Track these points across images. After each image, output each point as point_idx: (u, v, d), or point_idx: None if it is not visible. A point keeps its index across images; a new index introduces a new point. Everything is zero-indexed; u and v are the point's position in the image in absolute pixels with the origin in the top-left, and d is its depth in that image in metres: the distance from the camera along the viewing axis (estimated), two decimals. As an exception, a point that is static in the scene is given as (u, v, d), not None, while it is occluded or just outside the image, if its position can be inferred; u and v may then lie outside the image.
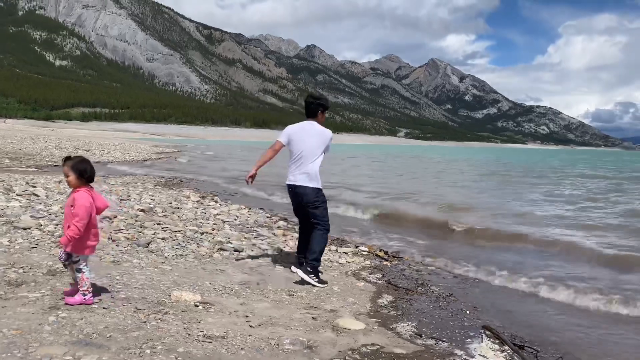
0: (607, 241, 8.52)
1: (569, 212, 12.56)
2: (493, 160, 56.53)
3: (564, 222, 10.76)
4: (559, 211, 12.76)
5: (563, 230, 9.66)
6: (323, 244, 5.46)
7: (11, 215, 6.82)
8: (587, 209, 13.22)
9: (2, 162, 19.08)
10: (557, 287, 5.77)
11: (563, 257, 7.60)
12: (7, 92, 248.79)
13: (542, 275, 6.32)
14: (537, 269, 6.76)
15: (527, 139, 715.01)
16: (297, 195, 5.49)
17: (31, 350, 2.97)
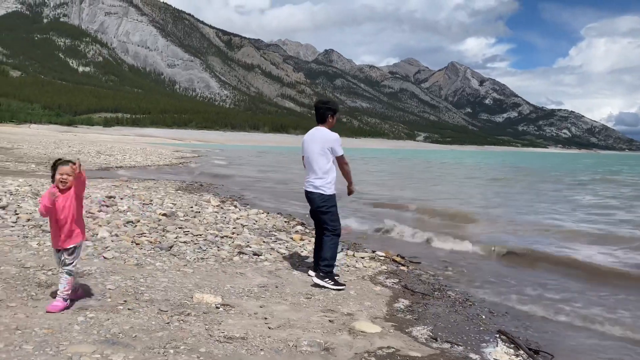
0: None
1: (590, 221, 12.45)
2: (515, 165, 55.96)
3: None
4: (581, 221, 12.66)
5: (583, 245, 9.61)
6: (333, 249, 5.55)
7: (39, 219, 7.06)
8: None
9: (29, 166, 19.59)
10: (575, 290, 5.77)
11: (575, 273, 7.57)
12: (32, 98, 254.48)
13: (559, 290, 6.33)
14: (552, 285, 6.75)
15: (548, 143, 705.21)
16: (309, 200, 5.66)
17: (62, 349, 3.13)
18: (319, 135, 5.60)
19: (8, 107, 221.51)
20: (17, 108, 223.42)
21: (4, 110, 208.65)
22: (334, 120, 5.71)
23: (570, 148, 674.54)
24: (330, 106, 5.69)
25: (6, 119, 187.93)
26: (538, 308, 5.35)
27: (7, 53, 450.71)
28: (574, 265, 7.43)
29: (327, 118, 5.65)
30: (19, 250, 5.47)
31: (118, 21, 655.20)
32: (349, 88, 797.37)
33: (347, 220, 9.69)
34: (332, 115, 5.66)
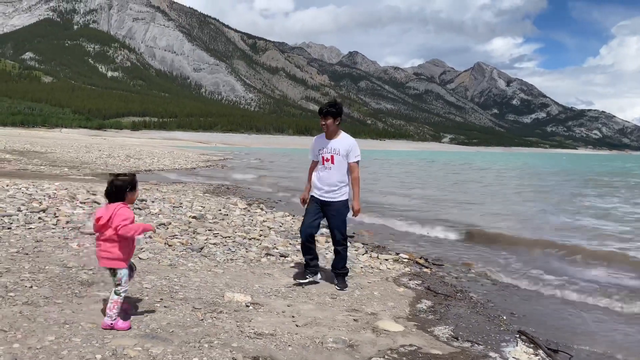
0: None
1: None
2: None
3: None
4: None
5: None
6: (345, 255, 5.72)
7: (77, 221, 7.43)
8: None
9: (62, 170, 20.25)
10: (593, 294, 5.84)
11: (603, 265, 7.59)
12: (63, 103, 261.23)
13: (579, 281, 6.39)
14: (574, 275, 6.80)
15: (577, 144, 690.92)
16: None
17: (107, 342, 3.39)
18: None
19: (40, 111, 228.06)
20: (48, 113, 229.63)
21: (37, 114, 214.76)
22: (333, 123, 5.49)
23: (601, 149, 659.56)
24: (329, 109, 5.45)
25: (38, 123, 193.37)
26: (559, 310, 5.44)
27: (40, 59, 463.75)
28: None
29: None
30: (60, 251, 5.80)
31: (145, 26, 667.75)
32: (373, 90, 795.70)
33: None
34: (333, 118, 5.47)
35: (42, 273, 4.86)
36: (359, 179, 5.48)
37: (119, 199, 3.76)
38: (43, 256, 5.49)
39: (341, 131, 5.55)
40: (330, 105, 5.42)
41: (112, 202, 3.76)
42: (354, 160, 5.43)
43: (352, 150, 5.42)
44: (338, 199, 5.45)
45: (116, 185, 3.76)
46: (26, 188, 10.50)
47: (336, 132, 5.49)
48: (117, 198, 3.76)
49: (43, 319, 3.66)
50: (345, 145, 5.44)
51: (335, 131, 5.48)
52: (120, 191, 3.76)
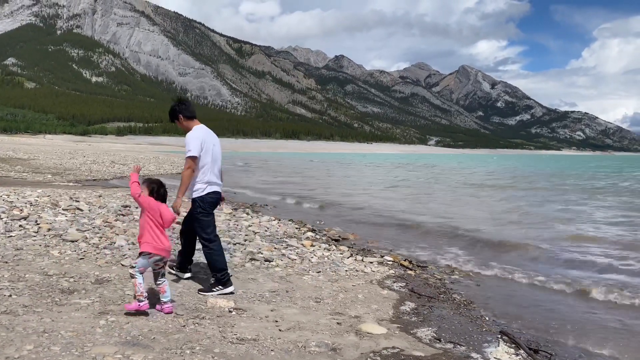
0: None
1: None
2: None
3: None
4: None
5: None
6: (208, 259, 5.25)
7: (59, 228, 7.35)
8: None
9: (45, 177, 20.03)
10: (576, 293, 5.92)
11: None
12: (46, 109, 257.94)
13: (561, 280, 6.47)
14: (557, 275, 6.89)
15: (562, 145, 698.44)
16: (216, 203, 5.49)
17: (87, 350, 3.36)
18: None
19: (23, 117, 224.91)
20: (32, 119, 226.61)
21: (20, 121, 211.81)
22: (181, 123, 5.40)
23: (585, 150, 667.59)
24: (175, 107, 5.39)
25: (22, 129, 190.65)
26: (539, 309, 5.50)
27: (22, 65, 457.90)
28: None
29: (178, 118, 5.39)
30: (41, 259, 5.73)
31: (130, 31, 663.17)
32: (360, 93, 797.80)
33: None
34: (180, 117, 5.35)
35: (22, 281, 4.80)
36: (186, 175, 5.14)
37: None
38: (23, 264, 5.43)
39: (194, 127, 5.36)
40: (170, 113, 5.44)
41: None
42: (186, 156, 5.17)
43: (186, 145, 5.20)
44: (193, 196, 5.32)
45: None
46: (7, 195, 10.36)
47: (187, 130, 5.34)
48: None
49: (22, 328, 3.62)
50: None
51: (186, 129, 5.35)
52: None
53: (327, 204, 15.91)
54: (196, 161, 5.15)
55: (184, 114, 5.36)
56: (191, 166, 5.12)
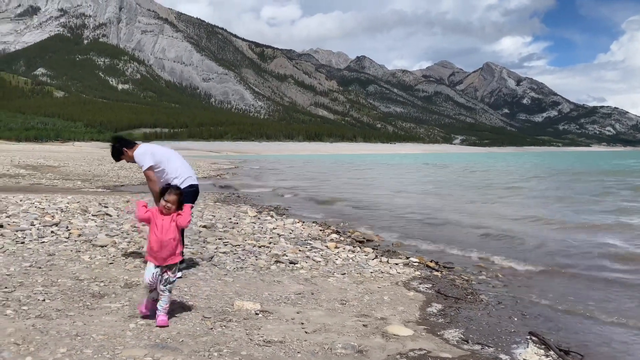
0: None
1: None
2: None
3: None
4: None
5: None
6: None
7: (89, 234, 7.52)
8: None
9: (75, 183, 20.49)
10: (607, 295, 5.78)
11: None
12: (75, 117, 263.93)
13: (593, 281, 6.33)
14: (588, 275, 6.74)
15: (591, 142, 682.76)
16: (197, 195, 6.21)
17: (117, 352, 3.44)
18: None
19: (53, 126, 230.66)
20: (61, 127, 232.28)
21: (50, 129, 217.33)
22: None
23: (615, 146, 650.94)
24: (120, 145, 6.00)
25: (51, 137, 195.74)
26: (569, 310, 5.40)
27: (51, 74, 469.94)
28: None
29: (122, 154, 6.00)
30: (73, 264, 5.88)
31: (154, 39, 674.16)
32: (382, 93, 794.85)
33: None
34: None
35: (55, 286, 4.93)
36: (150, 186, 5.89)
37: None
38: (56, 269, 5.57)
39: (134, 154, 5.94)
40: (114, 154, 6.02)
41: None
42: (142, 170, 5.92)
43: (138, 164, 5.91)
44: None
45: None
46: (39, 202, 10.64)
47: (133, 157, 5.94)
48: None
49: (55, 332, 3.72)
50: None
51: (132, 157, 5.94)
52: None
53: (350, 205, 15.90)
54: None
55: (127, 147, 5.95)
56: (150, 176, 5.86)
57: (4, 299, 4.38)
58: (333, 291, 5.65)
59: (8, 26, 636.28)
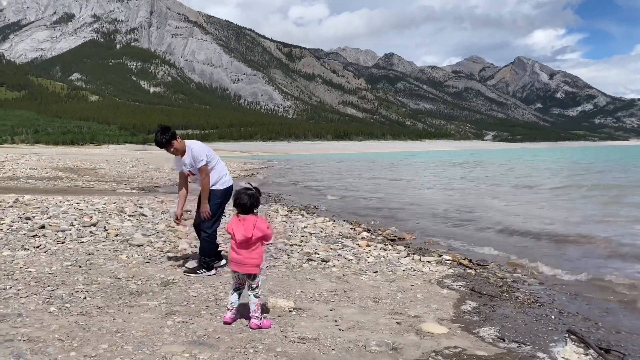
0: None
1: None
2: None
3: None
4: None
5: None
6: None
7: (126, 234, 7.71)
8: None
9: (111, 185, 21.02)
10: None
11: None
12: (109, 120, 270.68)
13: (631, 278, 6.15)
14: (625, 272, 6.55)
15: (629, 135, 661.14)
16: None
17: (156, 349, 3.52)
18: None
19: (88, 129, 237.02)
20: (96, 130, 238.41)
21: (85, 132, 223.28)
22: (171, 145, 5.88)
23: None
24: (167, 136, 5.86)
25: (87, 140, 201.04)
26: (608, 308, 5.26)
27: (86, 79, 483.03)
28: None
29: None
30: (111, 263, 6.04)
31: (184, 41, 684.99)
32: (411, 90, 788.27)
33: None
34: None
35: (95, 284, 5.08)
36: (205, 182, 5.88)
37: (252, 211, 4.26)
38: (95, 268, 5.74)
39: (187, 144, 5.93)
40: (163, 134, 5.77)
41: (246, 214, 4.24)
42: (200, 165, 5.84)
43: (196, 158, 5.84)
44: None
45: (255, 199, 4.28)
46: (77, 204, 10.96)
47: (183, 148, 5.88)
48: (252, 210, 4.25)
49: (97, 328, 3.83)
50: (191, 157, 5.88)
51: (182, 148, 5.88)
52: (257, 204, 4.29)
53: (379, 203, 15.84)
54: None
55: (175, 138, 5.86)
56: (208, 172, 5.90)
57: (47, 297, 4.54)
58: (365, 289, 5.65)
59: (44, 33, 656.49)
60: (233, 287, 4.29)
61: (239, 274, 4.22)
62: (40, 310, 4.20)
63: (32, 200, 11.33)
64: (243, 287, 4.27)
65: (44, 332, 3.69)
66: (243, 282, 4.25)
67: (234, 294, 4.25)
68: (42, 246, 6.59)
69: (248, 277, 4.20)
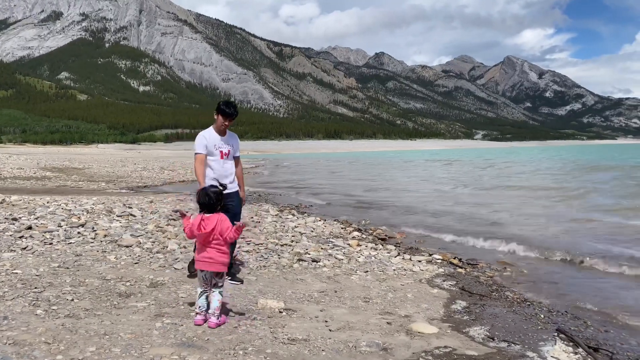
0: None
1: None
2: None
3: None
4: None
5: None
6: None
7: (115, 234, 7.64)
8: None
9: (99, 185, 20.86)
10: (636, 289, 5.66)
11: None
12: (98, 119, 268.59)
13: (619, 276, 6.20)
14: (615, 270, 6.60)
15: (617, 134, 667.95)
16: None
17: (145, 351, 3.49)
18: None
19: (77, 129, 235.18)
20: (85, 129, 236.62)
21: (74, 132, 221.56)
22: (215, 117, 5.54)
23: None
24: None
25: (76, 140, 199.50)
26: (597, 307, 5.29)
27: (75, 78, 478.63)
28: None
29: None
30: (99, 264, 5.98)
31: (174, 40, 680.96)
32: (401, 90, 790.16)
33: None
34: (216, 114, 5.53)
35: (83, 286, 5.02)
36: (241, 170, 5.85)
37: (215, 210, 4.24)
38: (83, 269, 5.68)
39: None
40: (235, 109, 5.52)
41: (210, 213, 4.21)
42: (238, 154, 5.79)
43: (239, 146, 5.80)
44: (235, 189, 5.67)
45: (217, 196, 4.26)
46: (65, 204, 10.86)
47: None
48: (215, 209, 4.23)
49: (84, 331, 3.79)
50: (236, 142, 5.74)
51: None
52: (219, 202, 4.26)
53: (369, 203, 15.85)
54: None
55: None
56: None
57: (34, 299, 4.48)
58: (356, 289, 5.64)
59: (32, 32, 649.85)
60: (200, 290, 4.23)
61: (206, 273, 4.22)
62: (27, 312, 4.14)
63: (19, 200, 11.21)
64: (209, 288, 4.26)
65: (30, 335, 3.63)
66: (209, 282, 4.25)
67: (202, 297, 4.21)
68: (29, 247, 6.51)
69: (216, 275, 4.22)
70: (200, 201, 4.25)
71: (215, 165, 5.50)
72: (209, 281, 4.23)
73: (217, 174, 5.45)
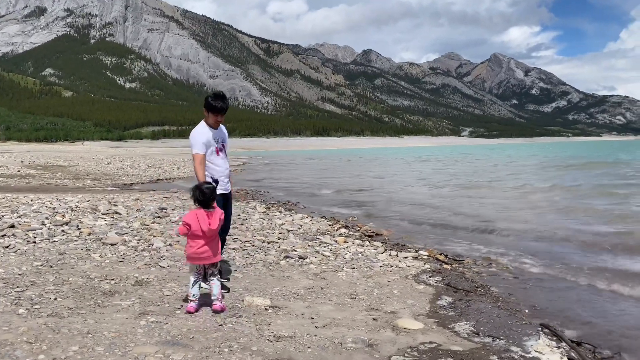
0: None
1: None
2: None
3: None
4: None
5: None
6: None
7: (99, 232, 7.57)
8: None
9: (85, 182, 20.64)
10: (619, 285, 5.74)
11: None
12: (84, 117, 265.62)
13: (603, 272, 6.28)
14: (597, 266, 6.68)
15: (601, 131, 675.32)
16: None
17: (129, 350, 3.46)
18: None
19: (62, 126, 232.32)
20: (70, 126, 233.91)
21: (59, 129, 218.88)
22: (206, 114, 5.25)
23: (626, 135, 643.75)
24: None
25: (61, 137, 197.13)
26: (581, 302, 5.35)
27: (59, 74, 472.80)
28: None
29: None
30: (83, 263, 5.92)
31: (160, 37, 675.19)
32: (389, 87, 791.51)
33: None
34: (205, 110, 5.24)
35: (66, 285, 4.97)
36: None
37: (210, 205, 4.48)
38: (66, 268, 5.62)
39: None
40: (225, 101, 5.20)
41: (205, 208, 4.44)
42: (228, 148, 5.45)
43: (226, 136, 5.46)
44: (230, 189, 5.43)
45: (212, 192, 4.49)
46: (49, 202, 10.73)
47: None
48: (210, 204, 4.48)
49: (67, 330, 3.74)
50: (226, 135, 5.47)
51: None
52: (213, 197, 4.51)
53: (357, 200, 15.88)
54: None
55: None
56: None
57: (16, 298, 4.43)
58: (342, 286, 5.65)
59: (15, 27, 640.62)
60: (194, 280, 4.44)
61: (203, 265, 4.48)
62: (8, 312, 4.09)
63: (2, 198, 11.06)
64: (202, 276, 4.49)
65: (11, 334, 3.59)
66: (202, 271, 4.48)
67: (195, 286, 4.42)
68: (11, 246, 6.42)
69: (212, 265, 4.48)
70: (196, 198, 4.43)
71: (219, 162, 5.24)
72: (202, 270, 4.47)
73: (221, 171, 5.23)
